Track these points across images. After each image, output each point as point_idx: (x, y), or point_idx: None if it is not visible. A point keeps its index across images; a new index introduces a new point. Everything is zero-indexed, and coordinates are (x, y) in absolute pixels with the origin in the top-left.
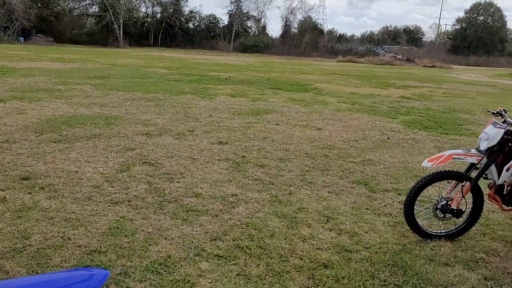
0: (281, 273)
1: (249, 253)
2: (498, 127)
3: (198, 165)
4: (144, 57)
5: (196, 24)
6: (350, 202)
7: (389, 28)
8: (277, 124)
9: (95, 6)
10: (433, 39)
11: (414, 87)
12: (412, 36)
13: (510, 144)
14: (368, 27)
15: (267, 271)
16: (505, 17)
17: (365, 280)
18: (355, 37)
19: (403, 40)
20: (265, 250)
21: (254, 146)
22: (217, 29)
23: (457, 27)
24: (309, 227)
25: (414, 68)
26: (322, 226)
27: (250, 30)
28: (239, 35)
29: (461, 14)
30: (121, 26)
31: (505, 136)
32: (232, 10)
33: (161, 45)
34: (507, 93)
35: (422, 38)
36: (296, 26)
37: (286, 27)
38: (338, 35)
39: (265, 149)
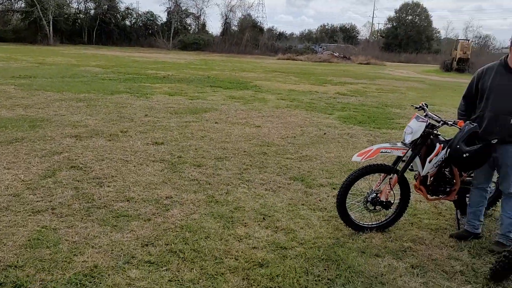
0: (215, 276)
1: (183, 257)
2: (420, 121)
3: (131, 167)
4: (77, 55)
5: (133, 21)
6: (286, 199)
7: (326, 27)
8: (215, 123)
9: (21, 1)
10: (368, 37)
11: (350, 83)
12: (348, 34)
13: (431, 136)
14: (307, 25)
15: (201, 275)
16: (431, 17)
17: (299, 277)
18: (294, 35)
19: (340, 38)
20: (199, 253)
21: (192, 145)
22: (156, 27)
23: (389, 26)
24: (245, 226)
25: (350, 65)
26: (259, 224)
27: (189, 28)
28: (179, 32)
29: (392, 14)
30: (51, 23)
31: (426, 130)
32: (170, 7)
33: (96, 42)
34: (434, 88)
35: (358, 36)
36: (236, 24)
37: (226, 24)
38: (278, 33)
39: (202, 148)
